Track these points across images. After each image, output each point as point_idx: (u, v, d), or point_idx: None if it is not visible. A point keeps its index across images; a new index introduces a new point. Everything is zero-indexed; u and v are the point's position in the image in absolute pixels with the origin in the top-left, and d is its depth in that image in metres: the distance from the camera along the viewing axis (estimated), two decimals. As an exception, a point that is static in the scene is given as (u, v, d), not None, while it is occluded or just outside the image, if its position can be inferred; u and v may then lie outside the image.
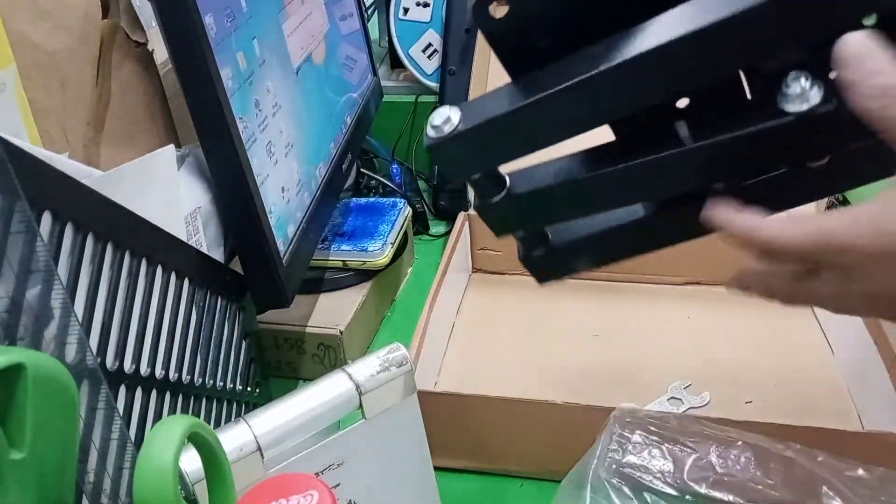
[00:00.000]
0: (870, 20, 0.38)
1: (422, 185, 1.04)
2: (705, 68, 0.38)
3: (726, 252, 0.42)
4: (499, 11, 0.40)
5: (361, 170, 0.99)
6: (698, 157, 0.41)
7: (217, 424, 0.57)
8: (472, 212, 0.89)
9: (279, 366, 0.77)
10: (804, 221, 0.39)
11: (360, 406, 0.47)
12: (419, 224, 0.98)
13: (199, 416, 0.54)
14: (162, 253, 0.50)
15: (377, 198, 0.95)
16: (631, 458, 0.55)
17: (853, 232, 0.37)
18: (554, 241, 0.49)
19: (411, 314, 0.80)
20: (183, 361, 0.52)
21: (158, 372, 0.48)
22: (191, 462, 0.37)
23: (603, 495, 0.53)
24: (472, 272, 0.90)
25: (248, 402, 0.63)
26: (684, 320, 0.80)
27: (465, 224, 0.88)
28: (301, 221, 0.67)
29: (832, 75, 0.37)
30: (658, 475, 0.54)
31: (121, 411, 0.42)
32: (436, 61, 1.05)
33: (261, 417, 0.45)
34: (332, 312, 0.77)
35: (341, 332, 0.75)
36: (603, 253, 0.50)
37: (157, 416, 0.48)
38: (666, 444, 0.55)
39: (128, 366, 0.45)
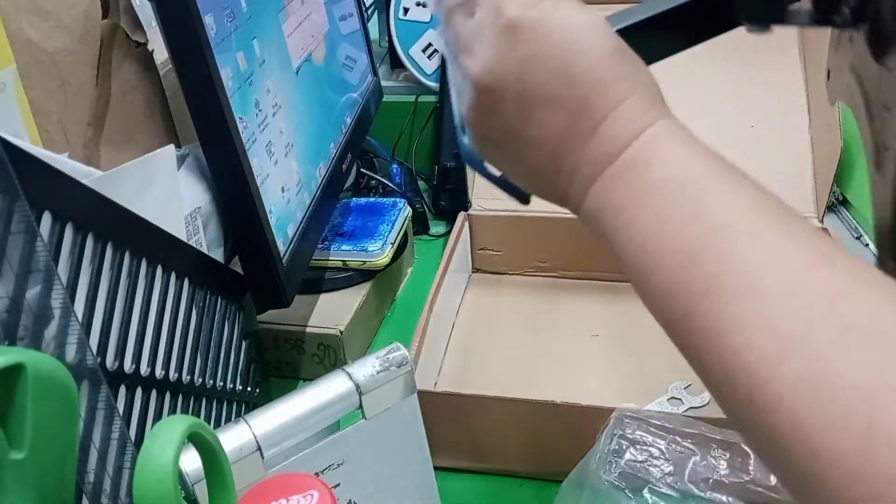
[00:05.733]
0: None
1: (422, 185, 1.04)
2: None
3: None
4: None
5: (361, 170, 0.99)
6: None
7: (217, 424, 0.57)
8: (472, 211, 0.89)
9: (279, 366, 0.77)
10: None
11: (360, 406, 0.47)
12: (419, 224, 0.98)
13: (199, 416, 0.54)
14: (162, 253, 0.50)
15: (377, 198, 0.95)
16: (631, 459, 0.54)
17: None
18: None
19: (411, 314, 0.79)
20: (183, 361, 0.52)
21: (158, 372, 0.48)
22: (191, 462, 0.37)
23: (603, 496, 0.53)
24: (472, 272, 0.90)
25: (248, 402, 0.63)
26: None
27: (465, 224, 0.88)
28: (301, 221, 0.67)
29: None
30: (658, 476, 0.54)
31: (121, 411, 0.42)
32: (436, 61, 1.05)
33: (261, 417, 0.45)
34: (332, 312, 0.77)
35: (341, 332, 0.75)
36: None
37: (157, 416, 0.48)
38: (666, 445, 0.55)
39: (128, 366, 0.45)
